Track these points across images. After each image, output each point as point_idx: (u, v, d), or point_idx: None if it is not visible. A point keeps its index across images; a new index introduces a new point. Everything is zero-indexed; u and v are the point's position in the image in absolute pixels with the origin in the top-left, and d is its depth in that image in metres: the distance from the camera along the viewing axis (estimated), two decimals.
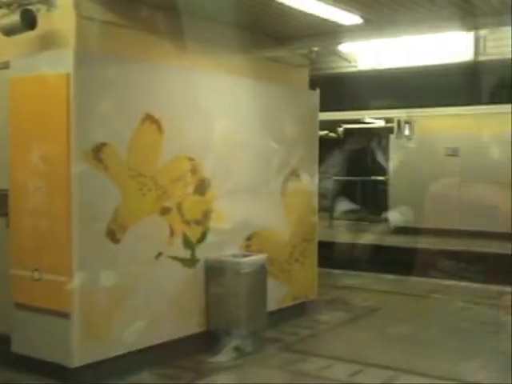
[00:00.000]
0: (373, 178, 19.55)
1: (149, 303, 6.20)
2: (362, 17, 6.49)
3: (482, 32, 8.52)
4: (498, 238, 14.28)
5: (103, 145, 5.76)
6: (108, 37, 5.89)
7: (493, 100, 14.70)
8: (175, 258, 6.54)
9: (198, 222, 6.78)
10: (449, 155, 16.17)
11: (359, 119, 18.31)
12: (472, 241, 14.35)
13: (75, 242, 5.57)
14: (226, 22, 6.83)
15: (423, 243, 13.81)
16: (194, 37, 6.58)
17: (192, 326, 6.73)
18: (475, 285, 10.39)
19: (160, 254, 6.34)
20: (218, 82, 6.99)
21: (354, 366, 6.39)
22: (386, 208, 17.32)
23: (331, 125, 19.07)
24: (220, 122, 6.95)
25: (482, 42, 8.65)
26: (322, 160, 8.91)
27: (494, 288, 10.02)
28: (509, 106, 14.49)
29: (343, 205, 17.84)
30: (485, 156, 15.35)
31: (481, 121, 15.56)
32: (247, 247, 7.42)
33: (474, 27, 7.23)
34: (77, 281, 5.54)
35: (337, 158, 19.72)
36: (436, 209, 15.38)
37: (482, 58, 8.73)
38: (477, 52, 8.71)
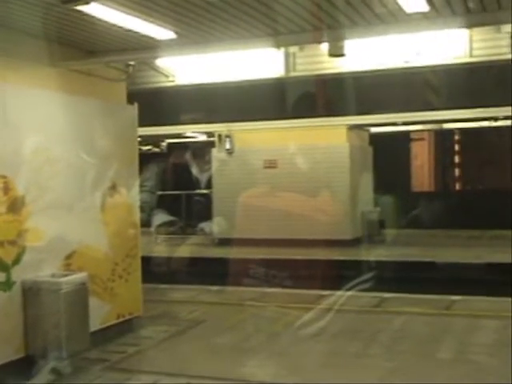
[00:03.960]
0: (197, 191, 19.81)
1: None
2: (175, 32, 6.57)
3: (292, 49, 8.97)
4: (308, 244, 15.07)
5: None
6: None
7: (303, 114, 15.57)
8: None
9: (12, 243, 6.47)
10: (267, 167, 16.83)
11: (182, 134, 18.52)
12: (287, 249, 15.01)
13: None
14: (34, 33, 6.62)
15: (242, 253, 14.22)
16: None
17: (10, 352, 6.39)
18: (290, 290, 10.87)
19: None
20: (27, 96, 6.73)
21: (180, 380, 6.42)
22: (207, 221, 17.68)
23: (155, 139, 19.12)
24: (31, 138, 6.71)
25: (291, 59, 9.09)
26: (145, 174, 8.86)
27: (307, 292, 10.52)
28: (317, 119, 15.47)
29: (160, 218, 17.92)
30: (299, 167, 16.21)
31: (293, 134, 16.39)
32: (67, 266, 7.19)
33: (282, 44, 7.62)
34: None
35: (160, 173, 19.77)
36: (250, 219, 15.92)
37: (292, 74, 9.18)
38: (287, 68, 9.13)
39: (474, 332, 8.03)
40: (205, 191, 19.10)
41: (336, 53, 8.22)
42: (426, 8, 5.83)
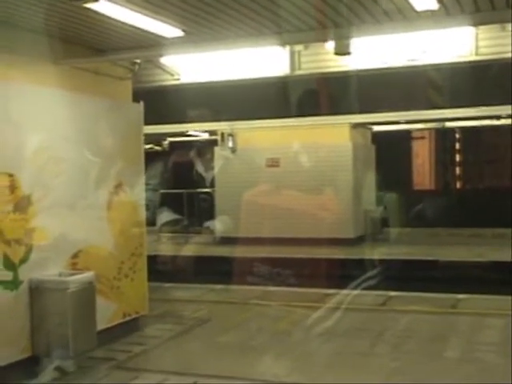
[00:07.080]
0: (199, 189, 19.79)
1: None
2: (183, 30, 6.55)
3: (297, 48, 8.96)
4: (311, 243, 15.02)
5: None
6: None
7: (306, 112, 15.50)
8: None
9: (19, 242, 6.45)
10: (270, 166, 16.81)
11: (184, 132, 18.49)
12: (290, 247, 14.97)
13: None
14: (40, 31, 6.58)
15: (246, 252, 14.19)
16: (2, 46, 6.29)
17: (16, 352, 6.37)
18: (295, 289, 10.85)
19: None
20: (32, 94, 6.70)
21: (187, 379, 6.39)
22: (211, 219, 17.67)
23: (156, 138, 19.09)
24: (36, 136, 6.68)
25: (296, 58, 9.08)
26: (150, 173, 8.82)
27: (312, 291, 10.50)
28: (320, 117, 15.41)
29: (165, 216, 17.88)
30: (301, 165, 16.20)
31: (296, 132, 16.36)
32: (73, 265, 7.17)
33: (288, 42, 7.61)
34: None
35: (163, 171, 19.73)
36: (253, 217, 15.87)
37: (297, 73, 9.16)
38: (293, 67, 9.11)
39: (480, 330, 8.02)
40: (208, 189, 19.08)
41: (342, 51, 8.18)
42: (435, 6, 5.81)
